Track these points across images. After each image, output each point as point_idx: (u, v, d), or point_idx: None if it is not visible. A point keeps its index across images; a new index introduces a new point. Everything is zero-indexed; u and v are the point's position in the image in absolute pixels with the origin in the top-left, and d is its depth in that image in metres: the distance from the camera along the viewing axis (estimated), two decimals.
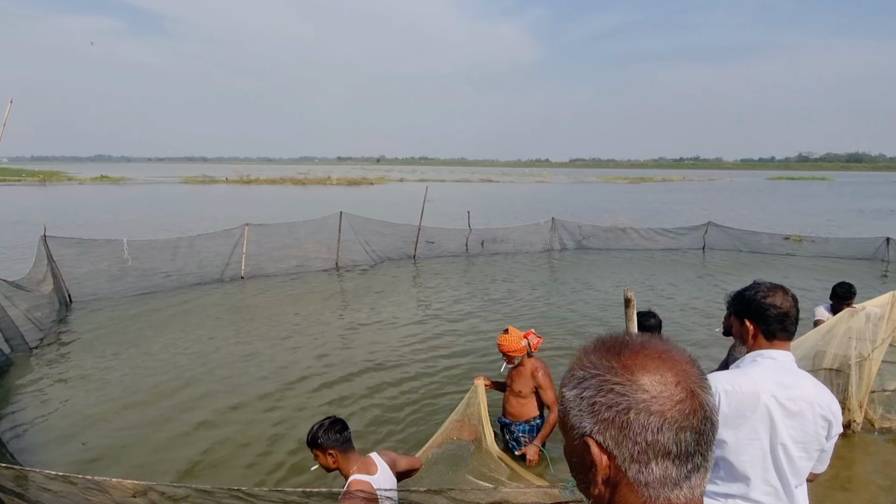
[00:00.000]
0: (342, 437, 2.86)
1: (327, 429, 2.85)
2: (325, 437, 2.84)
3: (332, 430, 2.85)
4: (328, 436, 2.83)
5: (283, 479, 4.60)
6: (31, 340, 7.72)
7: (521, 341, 4.52)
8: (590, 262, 15.16)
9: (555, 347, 7.78)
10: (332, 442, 2.83)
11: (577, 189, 59.88)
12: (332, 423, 2.88)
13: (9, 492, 2.86)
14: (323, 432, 2.85)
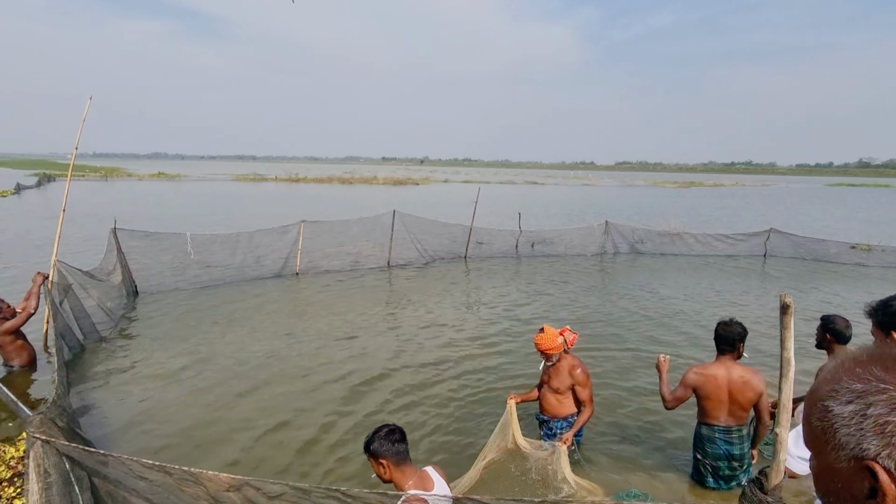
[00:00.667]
0: (396, 448, 2.76)
1: (383, 437, 2.78)
2: (378, 445, 2.76)
3: (387, 439, 2.77)
4: (381, 444, 2.75)
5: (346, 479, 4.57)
6: (102, 329, 7.98)
7: (557, 339, 4.51)
8: (645, 267, 14.75)
9: (604, 348, 7.56)
10: (385, 451, 2.74)
11: (624, 193, 58.59)
12: (388, 432, 2.80)
13: (104, 478, 2.91)
14: (377, 439, 2.78)
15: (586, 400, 4.60)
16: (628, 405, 6.04)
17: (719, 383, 4.13)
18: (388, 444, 2.75)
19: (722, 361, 4.16)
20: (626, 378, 6.77)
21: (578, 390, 4.60)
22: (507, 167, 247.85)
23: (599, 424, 5.58)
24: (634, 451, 5.06)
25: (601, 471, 4.70)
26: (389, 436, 2.77)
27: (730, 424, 4.19)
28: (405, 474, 2.76)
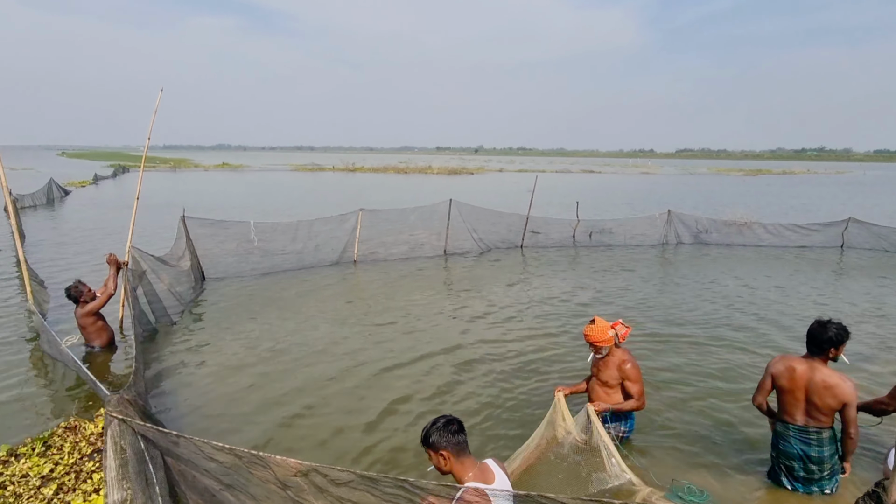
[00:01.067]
0: (456, 439, 2.69)
1: (441, 427, 2.71)
2: (437, 436, 2.69)
3: (446, 429, 2.70)
4: (441, 435, 2.68)
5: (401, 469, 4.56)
6: (172, 313, 8.31)
7: (608, 331, 4.45)
8: (710, 258, 14.13)
9: (667, 342, 7.26)
10: (445, 442, 2.67)
11: (687, 181, 56.44)
12: (446, 422, 2.73)
13: (176, 457, 2.98)
14: (436, 430, 2.70)
15: (637, 394, 4.50)
16: (695, 400, 5.77)
17: (797, 380, 3.87)
18: (447, 435, 2.69)
19: (809, 359, 3.88)
20: (690, 372, 6.49)
21: (628, 385, 4.49)
22: (562, 156, 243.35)
23: (660, 419, 5.38)
24: (701, 449, 4.82)
25: (661, 467, 4.50)
26: (448, 426, 2.71)
27: (807, 424, 3.92)
28: (465, 466, 2.70)
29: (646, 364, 6.63)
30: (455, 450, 2.68)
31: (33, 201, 23.41)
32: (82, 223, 18.75)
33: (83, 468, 4.23)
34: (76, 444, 4.55)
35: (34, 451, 4.46)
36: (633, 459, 4.49)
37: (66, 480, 4.07)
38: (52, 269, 11.26)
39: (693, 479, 4.32)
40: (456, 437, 2.69)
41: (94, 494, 3.85)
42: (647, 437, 5.01)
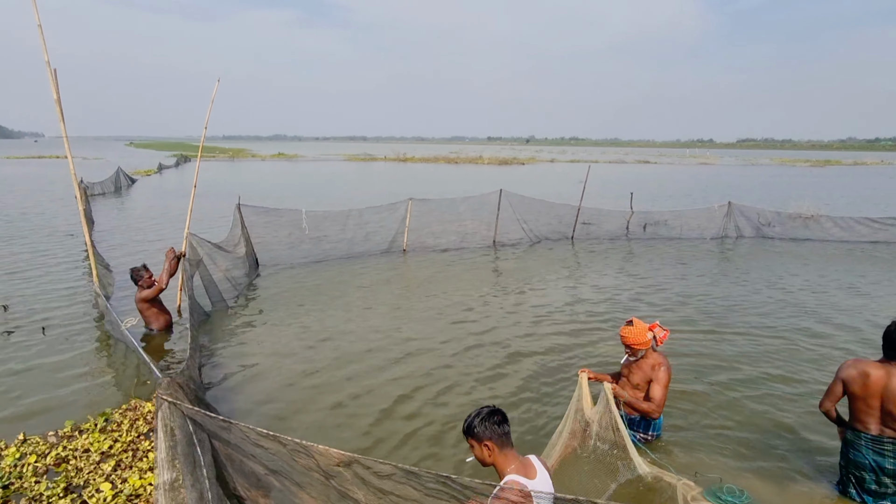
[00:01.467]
0: (500, 430, 2.63)
1: (485, 418, 2.65)
2: (481, 427, 2.63)
3: (489, 419, 2.64)
4: (485, 426, 2.63)
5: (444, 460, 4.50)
6: (227, 298, 8.55)
7: (646, 334, 4.28)
8: (773, 253, 13.43)
9: (724, 341, 6.90)
10: (490, 433, 2.62)
11: (748, 172, 53.99)
12: (490, 413, 2.67)
13: (223, 441, 3.02)
14: (480, 421, 2.65)
15: (656, 399, 4.26)
16: (752, 402, 5.45)
17: (871, 386, 3.57)
18: (491, 426, 2.63)
19: (886, 364, 3.58)
20: (748, 372, 6.14)
21: (652, 387, 4.29)
22: (616, 146, 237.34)
23: (713, 418, 5.13)
24: (756, 452, 4.55)
25: (709, 469, 4.27)
26: (491, 417, 2.65)
27: (882, 434, 3.63)
28: (507, 458, 2.64)
29: (700, 363, 6.37)
30: (499, 441, 2.62)
31: (102, 189, 24.64)
32: (147, 210, 19.61)
33: (140, 446, 4.38)
34: (134, 423, 4.73)
35: (96, 427, 4.66)
36: (658, 456, 4.32)
37: (124, 458, 4.22)
38: (118, 254, 11.79)
39: (746, 483, 4.08)
40: (500, 429, 2.63)
41: (149, 472, 3.98)
42: (697, 436, 4.79)
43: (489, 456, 2.65)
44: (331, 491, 2.67)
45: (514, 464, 2.62)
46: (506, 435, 2.65)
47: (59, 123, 6.72)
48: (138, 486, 3.83)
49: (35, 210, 18.61)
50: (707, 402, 5.47)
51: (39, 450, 4.32)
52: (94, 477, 3.98)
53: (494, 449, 2.63)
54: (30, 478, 3.96)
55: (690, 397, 5.54)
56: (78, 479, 3.97)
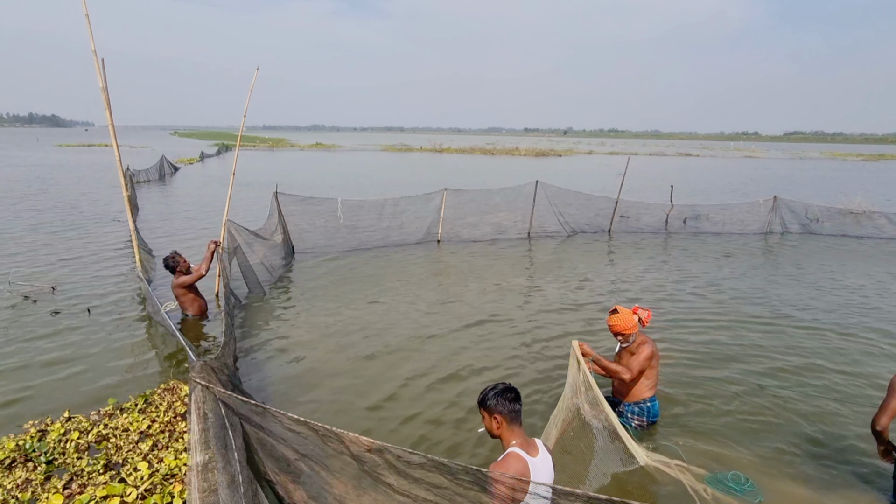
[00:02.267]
0: (511, 406, 2.80)
1: (499, 393, 2.82)
2: (494, 400, 2.81)
3: (503, 395, 2.81)
4: (498, 400, 2.80)
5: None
6: (264, 284, 8.68)
7: (632, 318, 4.43)
8: (821, 250, 12.90)
9: (770, 341, 6.63)
10: (501, 407, 2.79)
11: (796, 166, 52.06)
12: (505, 389, 2.84)
13: (255, 425, 3.04)
14: (494, 395, 2.82)
15: (631, 365, 4.40)
16: (796, 408, 5.23)
17: None
18: (504, 402, 2.79)
19: None
20: (792, 378, 5.89)
21: (631, 359, 4.44)
22: (656, 138, 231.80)
23: (753, 426, 4.92)
24: (803, 462, 4.36)
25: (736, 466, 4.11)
26: (505, 393, 2.82)
27: None
28: (514, 434, 2.80)
29: (741, 367, 6.12)
30: (508, 417, 2.79)
31: (147, 177, 25.38)
32: (189, 197, 20.12)
33: (176, 427, 4.48)
34: (171, 404, 4.84)
35: (136, 407, 4.79)
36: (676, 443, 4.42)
37: (161, 438, 4.32)
38: (160, 240, 12.13)
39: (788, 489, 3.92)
40: (511, 405, 2.80)
41: (184, 453, 4.06)
42: (741, 444, 4.61)
43: (497, 428, 2.82)
44: (363, 476, 2.66)
45: (518, 439, 2.78)
46: (516, 412, 2.81)
47: (105, 112, 6.89)
48: (174, 466, 3.91)
49: (89, 198, 19.29)
50: (743, 403, 5.27)
51: (82, 427, 4.46)
52: (132, 456, 4.08)
53: (503, 423, 2.80)
54: (72, 453, 4.10)
55: (725, 389, 5.36)
56: (117, 456, 4.08)
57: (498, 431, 2.83)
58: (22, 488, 3.72)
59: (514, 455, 2.70)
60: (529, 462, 2.68)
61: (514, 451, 2.72)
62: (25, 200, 17.64)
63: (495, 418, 2.81)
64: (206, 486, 2.72)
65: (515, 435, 2.80)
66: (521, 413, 2.84)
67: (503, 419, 2.79)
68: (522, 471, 2.63)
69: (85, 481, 3.79)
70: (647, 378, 4.51)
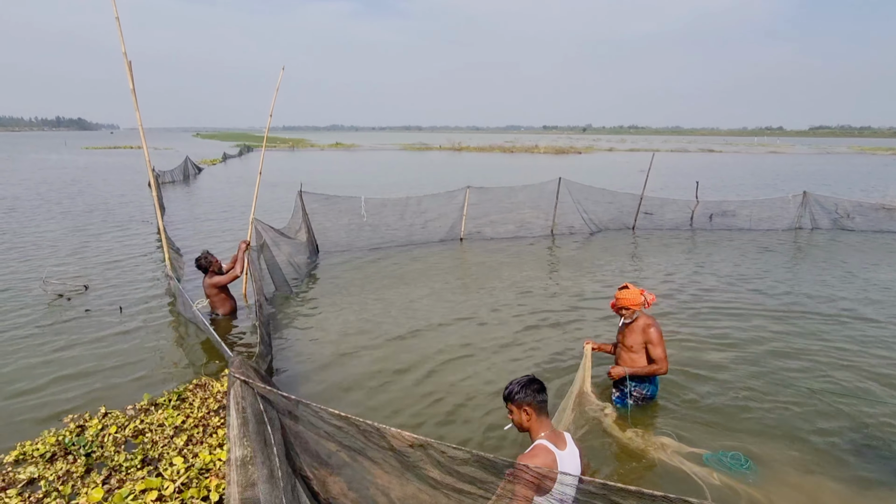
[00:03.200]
0: (539, 397, 2.83)
1: (525, 385, 2.85)
2: (521, 393, 2.83)
3: (529, 386, 2.84)
4: (525, 392, 2.82)
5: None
6: (290, 281, 8.74)
7: (640, 296, 4.67)
8: (851, 247, 12.58)
9: (800, 340, 6.48)
10: (530, 398, 2.81)
11: (823, 161, 50.95)
12: (530, 381, 2.87)
13: (293, 419, 3.05)
14: (520, 388, 2.84)
15: (659, 358, 4.66)
16: (826, 410, 5.10)
17: None
18: (531, 393, 2.82)
19: None
20: (826, 379, 5.75)
21: (651, 349, 4.68)
22: (678, 134, 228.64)
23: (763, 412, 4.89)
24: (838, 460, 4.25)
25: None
26: (531, 384, 2.85)
27: None
28: (542, 425, 2.83)
29: (775, 364, 6.01)
30: (537, 407, 2.82)
31: (172, 177, 25.80)
32: (213, 197, 20.38)
33: (210, 423, 4.53)
34: (205, 400, 4.89)
35: (170, 403, 4.85)
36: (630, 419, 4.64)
37: (195, 433, 4.37)
38: (187, 239, 12.30)
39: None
40: (539, 396, 2.83)
41: (218, 449, 4.10)
42: (748, 427, 4.55)
43: (527, 421, 2.84)
44: (406, 469, 2.66)
45: (546, 431, 2.81)
46: (543, 403, 2.84)
47: (134, 114, 6.98)
48: (208, 461, 3.96)
49: (119, 199, 19.65)
50: (767, 403, 5.17)
51: (119, 422, 4.54)
52: (167, 451, 4.14)
53: (532, 414, 2.82)
54: (110, 448, 4.16)
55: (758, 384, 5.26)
56: (153, 451, 4.14)
57: (528, 424, 2.85)
58: (63, 481, 3.79)
59: (542, 447, 2.71)
60: (557, 455, 2.69)
61: (542, 443, 2.73)
62: (59, 203, 18.02)
63: (525, 410, 2.83)
64: (245, 481, 2.74)
65: (544, 426, 2.82)
66: (547, 404, 2.87)
67: (532, 410, 2.82)
68: (549, 463, 2.63)
69: (123, 476, 3.85)
70: (647, 354, 4.77)
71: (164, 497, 3.59)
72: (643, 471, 4.07)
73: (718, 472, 3.91)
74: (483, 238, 12.93)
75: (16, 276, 9.02)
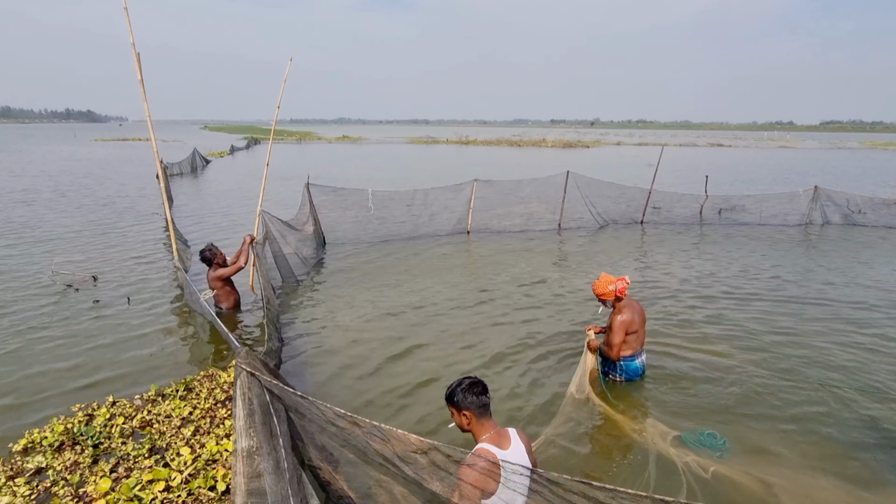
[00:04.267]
0: (479, 401, 2.76)
1: (465, 388, 2.76)
2: (461, 396, 2.76)
3: (470, 390, 2.76)
4: (465, 396, 2.75)
5: None
6: (297, 273, 8.74)
7: (608, 286, 4.96)
8: (862, 243, 12.44)
9: (811, 339, 6.42)
10: (468, 403, 2.75)
11: (834, 156, 50.46)
12: (471, 384, 2.78)
13: (298, 414, 3.04)
14: (461, 391, 2.77)
15: (608, 342, 5.00)
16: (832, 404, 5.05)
17: None
18: (470, 397, 2.75)
19: None
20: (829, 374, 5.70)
21: (607, 332, 5.03)
22: (686, 128, 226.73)
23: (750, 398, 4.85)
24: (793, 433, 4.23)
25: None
26: (472, 388, 2.77)
27: None
28: (484, 427, 2.77)
29: (774, 353, 5.96)
30: (477, 411, 2.75)
31: (180, 169, 25.84)
32: (220, 189, 20.42)
33: (217, 414, 4.54)
34: (211, 391, 4.90)
35: (177, 394, 4.86)
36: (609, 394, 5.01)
37: (202, 424, 4.38)
38: (194, 231, 12.33)
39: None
40: (479, 399, 2.75)
41: (225, 439, 4.11)
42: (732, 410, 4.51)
43: (467, 424, 2.79)
44: (406, 475, 2.63)
45: (488, 433, 2.75)
46: (484, 406, 2.76)
47: (142, 104, 6.98)
48: (215, 452, 3.96)
49: (127, 191, 19.72)
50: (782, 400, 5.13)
51: (127, 412, 4.55)
52: (174, 441, 4.14)
53: (472, 418, 2.76)
54: (117, 438, 4.18)
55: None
56: (161, 441, 4.15)
57: (468, 427, 2.79)
58: (71, 471, 3.80)
59: (482, 451, 2.62)
60: (499, 456, 2.56)
61: (481, 447, 2.67)
62: (69, 194, 18.09)
63: (464, 414, 2.76)
64: (251, 472, 2.73)
65: (486, 428, 2.76)
66: (489, 405, 2.80)
67: (472, 414, 2.75)
68: (489, 468, 2.49)
69: (131, 465, 3.86)
70: (625, 342, 5.00)
71: (171, 487, 3.60)
72: (621, 451, 4.26)
73: (694, 450, 4.09)
74: (490, 231, 12.89)
75: (25, 267, 9.07)
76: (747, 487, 3.73)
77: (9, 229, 12.10)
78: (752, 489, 3.72)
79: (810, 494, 3.73)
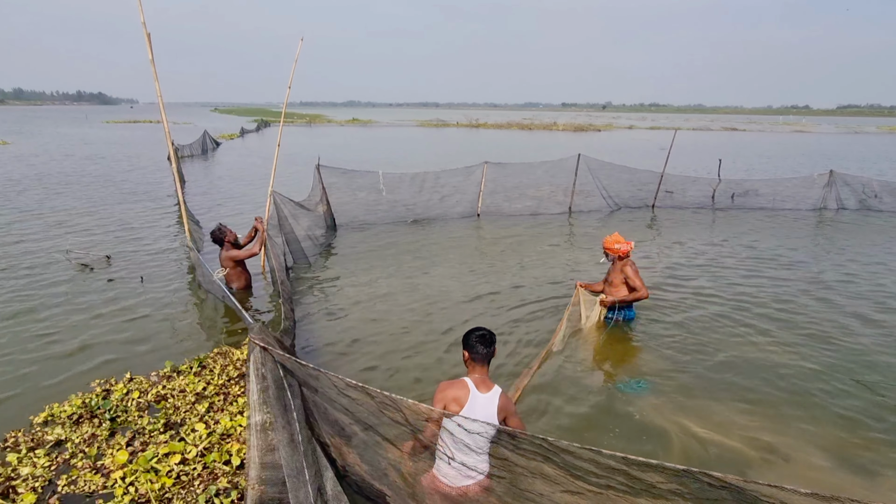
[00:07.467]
0: (477, 349, 3.13)
1: (475, 337, 3.16)
2: (467, 339, 3.19)
3: (477, 339, 3.15)
4: (468, 339, 3.18)
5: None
6: (309, 255, 8.79)
7: (616, 244, 5.99)
8: (877, 229, 12.29)
9: (826, 326, 6.38)
10: (470, 347, 3.15)
11: (851, 140, 49.68)
12: (481, 336, 3.17)
13: (312, 388, 3.08)
14: (473, 336, 3.18)
15: (637, 286, 5.88)
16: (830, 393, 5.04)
17: None
18: (476, 344, 3.14)
19: None
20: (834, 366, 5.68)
21: (630, 280, 5.90)
22: (700, 112, 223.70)
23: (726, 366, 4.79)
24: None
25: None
26: (480, 339, 3.16)
27: None
28: (475, 370, 3.16)
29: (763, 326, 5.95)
30: (474, 356, 3.14)
31: (191, 151, 25.93)
32: (230, 172, 20.47)
33: (230, 390, 4.60)
34: (225, 368, 4.97)
35: (191, 370, 4.94)
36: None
37: (216, 400, 4.45)
38: (206, 211, 12.39)
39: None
40: (477, 347, 3.13)
41: (238, 416, 4.17)
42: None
43: (465, 363, 3.21)
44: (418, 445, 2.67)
45: (476, 375, 3.13)
46: (482, 355, 3.14)
47: (153, 84, 6.97)
48: (229, 427, 4.03)
49: (139, 173, 19.83)
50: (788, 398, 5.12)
51: (143, 387, 4.63)
52: (189, 416, 4.22)
53: (469, 360, 3.17)
54: (134, 412, 4.26)
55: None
56: (175, 416, 4.22)
57: (466, 364, 3.22)
58: (88, 443, 3.89)
59: (461, 381, 3.10)
60: (472, 393, 3.04)
61: (463, 379, 3.12)
62: (80, 177, 18.21)
63: (464, 353, 3.19)
64: (265, 445, 2.78)
65: (476, 372, 3.15)
66: (488, 357, 3.16)
67: (469, 357, 3.16)
68: (458, 394, 3.03)
69: (147, 439, 3.93)
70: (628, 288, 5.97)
71: (187, 460, 3.67)
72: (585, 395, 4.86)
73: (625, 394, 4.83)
74: (501, 214, 12.86)
75: (40, 247, 9.17)
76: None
77: (25, 209, 12.22)
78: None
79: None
